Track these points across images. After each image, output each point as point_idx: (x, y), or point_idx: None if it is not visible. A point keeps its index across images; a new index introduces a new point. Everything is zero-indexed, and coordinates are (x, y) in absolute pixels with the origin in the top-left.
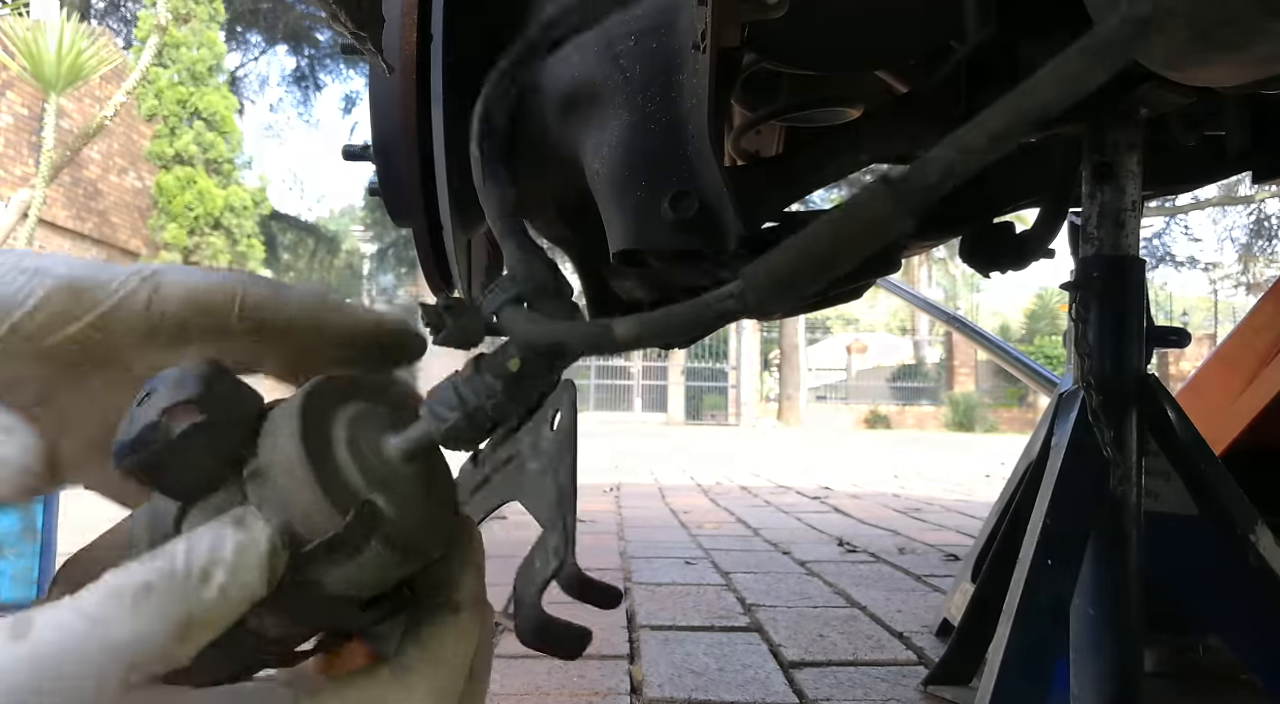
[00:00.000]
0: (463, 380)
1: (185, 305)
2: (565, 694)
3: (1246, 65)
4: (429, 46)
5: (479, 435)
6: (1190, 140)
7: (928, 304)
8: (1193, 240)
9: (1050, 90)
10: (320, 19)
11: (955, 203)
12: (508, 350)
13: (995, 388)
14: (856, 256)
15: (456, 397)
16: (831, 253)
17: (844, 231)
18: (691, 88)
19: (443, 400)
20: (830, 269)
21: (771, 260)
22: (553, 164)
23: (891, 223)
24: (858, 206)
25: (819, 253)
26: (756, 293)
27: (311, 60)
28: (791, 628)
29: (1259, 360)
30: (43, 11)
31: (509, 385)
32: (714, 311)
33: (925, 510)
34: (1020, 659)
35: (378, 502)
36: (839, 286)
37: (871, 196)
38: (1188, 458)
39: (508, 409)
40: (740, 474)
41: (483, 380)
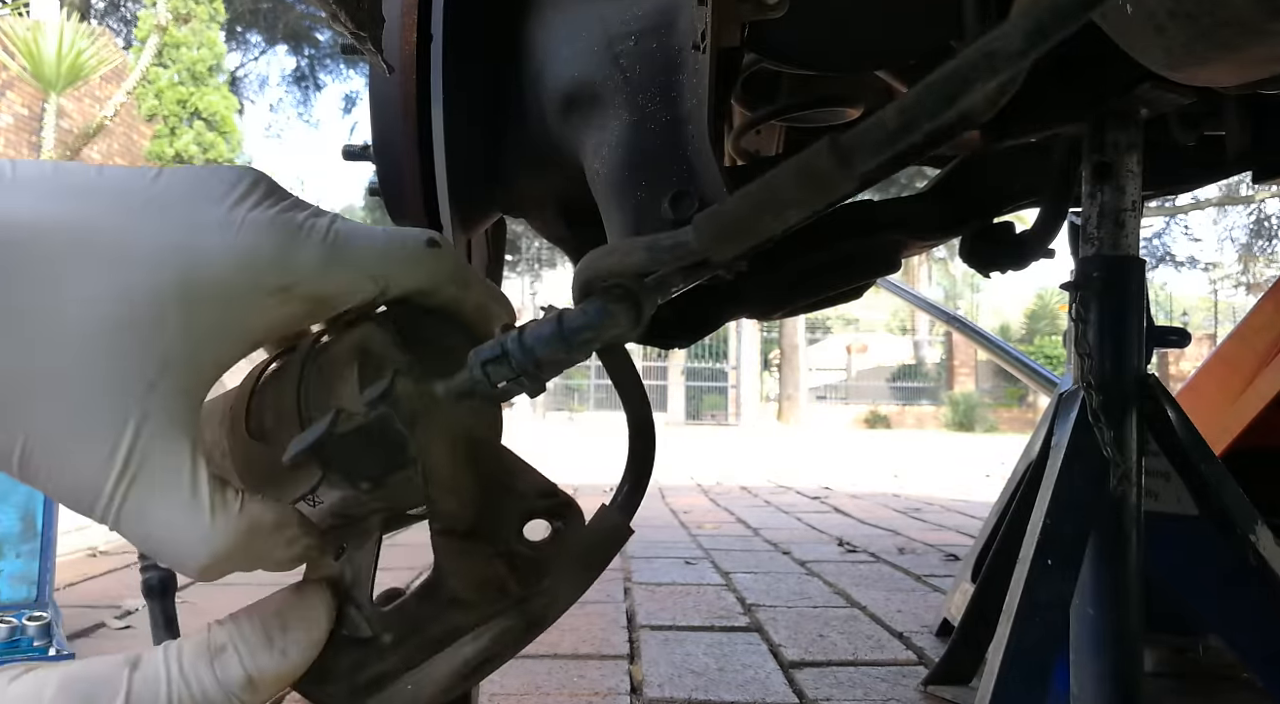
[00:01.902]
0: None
1: (399, 295)
2: (565, 694)
3: (1246, 65)
4: (429, 46)
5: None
6: (1190, 140)
7: (928, 304)
8: (1193, 240)
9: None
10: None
11: (955, 202)
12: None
13: (995, 388)
14: (802, 210)
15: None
16: (778, 204)
17: (790, 185)
18: (691, 88)
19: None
20: (776, 220)
21: (724, 209)
22: (553, 164)
23: (834, 180)
24: (803, 162)
25: (765, 204)
26: (705, 235)
27: (311, 60)
28: (791, 628)
29: (1259, 360)
30: (43, 11)
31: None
32: (663, 247)
33: (925, 510)
34: (1020, 659)
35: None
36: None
37: (816, 154)
38: (1188, 458)
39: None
40: (740, 474)
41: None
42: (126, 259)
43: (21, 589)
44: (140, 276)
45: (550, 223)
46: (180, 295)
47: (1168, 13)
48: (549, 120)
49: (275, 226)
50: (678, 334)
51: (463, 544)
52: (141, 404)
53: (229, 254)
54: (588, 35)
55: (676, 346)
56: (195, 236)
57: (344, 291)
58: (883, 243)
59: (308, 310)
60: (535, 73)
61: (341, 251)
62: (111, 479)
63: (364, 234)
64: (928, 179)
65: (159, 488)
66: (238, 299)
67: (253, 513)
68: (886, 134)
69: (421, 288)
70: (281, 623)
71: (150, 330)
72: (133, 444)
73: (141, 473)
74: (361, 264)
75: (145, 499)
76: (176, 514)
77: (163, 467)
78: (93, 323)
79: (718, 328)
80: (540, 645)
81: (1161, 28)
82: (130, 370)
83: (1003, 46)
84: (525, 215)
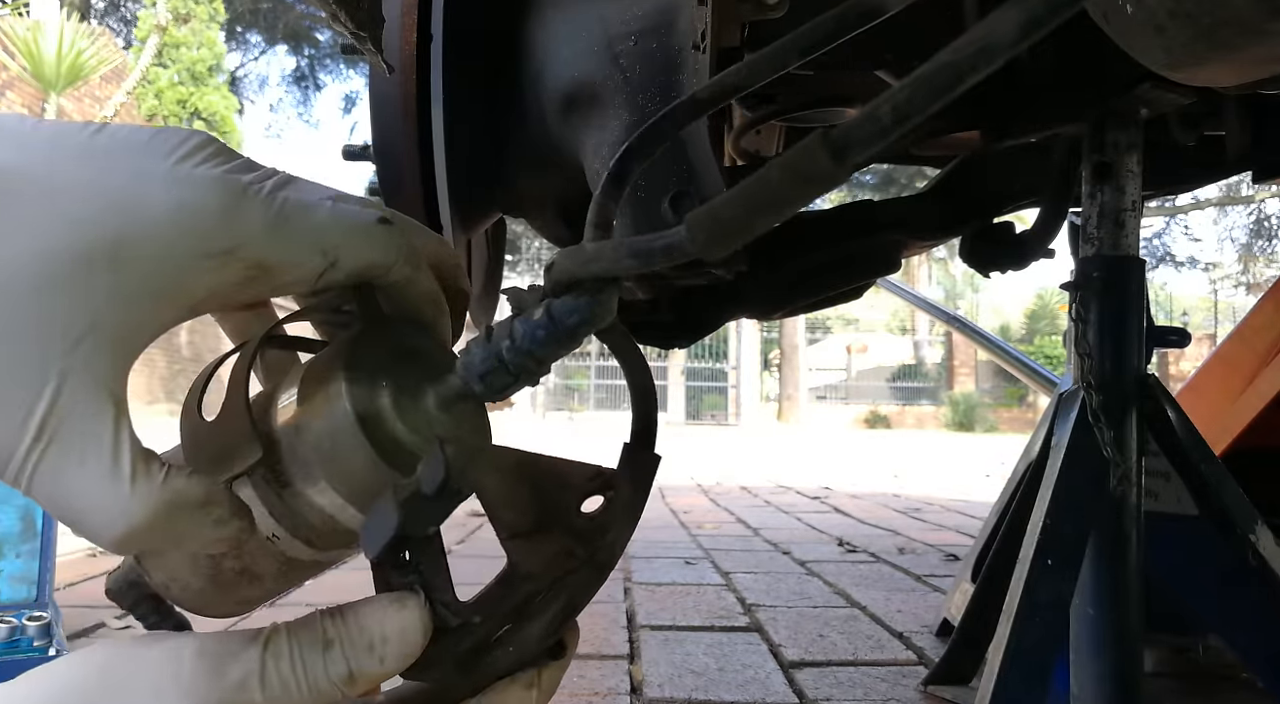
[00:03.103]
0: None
1: (348, 277)
2: (565, 694)
3: (1246, 65)
4: (429, 46)
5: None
6: (1190, 140)
7: (928, 304)
8: (1193, 240)
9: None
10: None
11: (955, 202)
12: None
13: (995, 388)
14: (795, 205)
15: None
16: (772, 199)
17: (782, 180)
18: (691, 88)
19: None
20: (770, 214)
21: (714, 206)
22: (553, 164)
23: (826, 173)
24: (795, 157)
25: (759, 199)
26: (697, 233)
27: (311, 60)
28: (791, 628)
29: (1259, 360)
30: (43, 11)
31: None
32: (658, 246)
33: (925, 510)
34: (1020, 659)
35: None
36: (839, 287)
37: (807, 148)
38: (1188, 458)
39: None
40: (740, 474)
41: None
42: (56, 211)
43: (21, 589)
44: (70, 230)
45: (550, 223)
46: (112, 252)
47: (1168, 13)
48: (549, 120)
49: (220, 184)
50: (678, 334)
51: (529, 541)
52: (64, 363)
53: (167, 210)
54: (588, 35)
55: (676, 347)
56: (133, 190)
57: (289, 260)
58: (883, 243)
59: (249, 277)
60: (535, 73)
61: (289, 217)
62: (26, 440)
63: (314, 203)
64: (928, 179)
65: (76, 452)
66: (174, 259)
67: (177, 486)
68: (880, 128)
69: (373, 264)
70: (383, 633)
71: (78, 287)
72: (51, 404)
73: (59, 435)
74: (310, 231)
75: (61, 464)
76: (94, 482)
77: (82, 430)
78: (16, 277)
79: (718, 328)
80: None
81: (1161, 28)
82: (55, 328)
83: (996, 38)
84: (525, 215)
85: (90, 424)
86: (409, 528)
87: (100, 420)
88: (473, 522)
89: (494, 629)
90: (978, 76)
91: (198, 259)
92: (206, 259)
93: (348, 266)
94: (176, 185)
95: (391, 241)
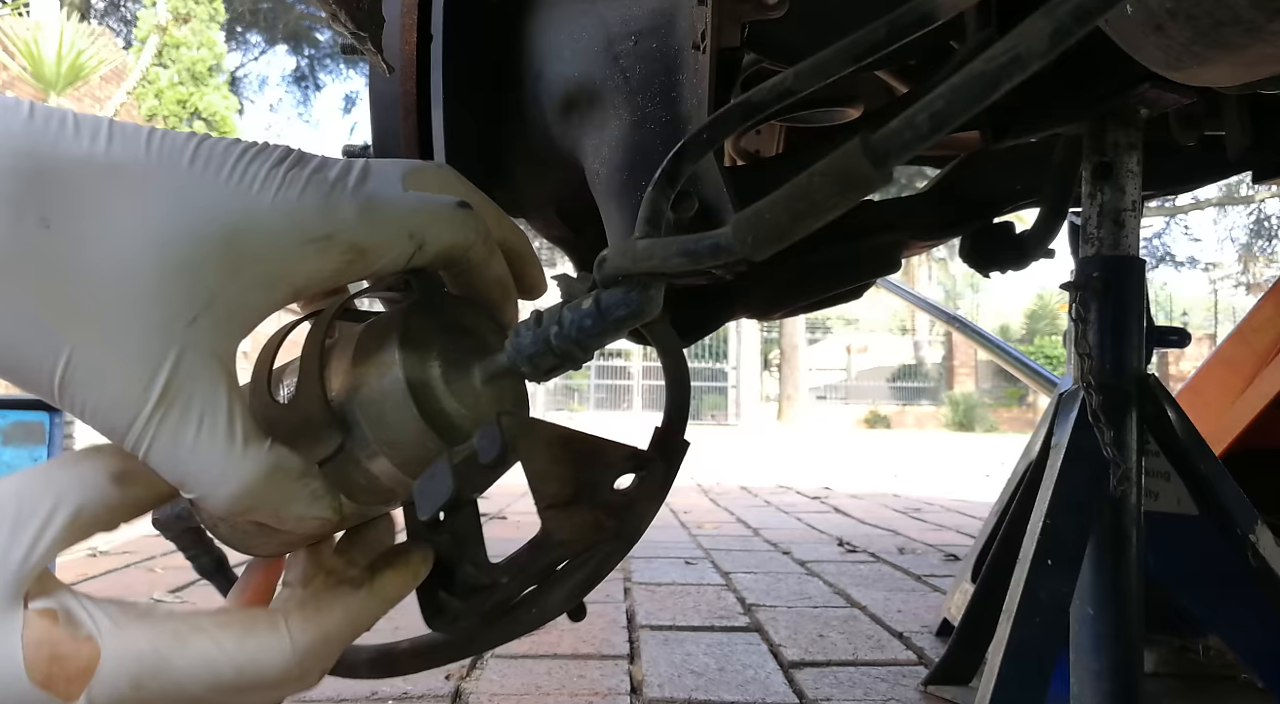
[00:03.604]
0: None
1: (434, 259)
2: (565, 694)
3: (1246, 65)
4: (429, 46)
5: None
6: (1190, 140)
7: (928, 304)
8: (1193, 240)
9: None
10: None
11: (955, 202)
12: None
13: (995, 388)
14: (836, 209)
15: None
16: (814, 203)
17: (824, 185)
18: (691, 88)
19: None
20: (812, 218)
21: (759, 209)
22: (553, 164)
23: (866, 178)
24: (835, 163)
25: (802, 203)
26: (743, 235)
27: (311, 60)
28: (791, 628)
29: (1259, 360)
30: (43, 11)
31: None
32: (703, 247)
33: (925, 510)
34: (1020, 659)
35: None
36: (839, 287)
37: (847, 154)
38: (1188, 458)
39: (573, 351)
40: (740, 474)
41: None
42: (176, 203)
43: None
44: (189, 219)
45: (550, 223)
46: (226, 240)
47: (1168, 13)
48: (549, 120)
49: (314, 181)
50: (678, 334)
51: (564, 511)
52: (184, 337)
53: (272, 204)
54: (588, 35)
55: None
56: (240, 186)
57: (382, 243)
58: (883, 243)
59: (347, 261)
60: (535, 73)
61: (378, 206)
62: (150, 404)
63: (400, 195)
64: (928, 179)
65: (194, 417)
66: (280, 247)
67: (281, 454)
68: (918, 135)
69: (455, 245)
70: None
71: (197, 270)
72: (173, 372)
73: (178, 400)
74: (397, 217)
75: (181, 427)
76: (210, 443)
77: (200, 395)
78: (143, 258)
79: (718, 328)
80: (540, 645)
81: (1161, 28)
82: (176, 305)
83: (1028, 47)
84: (525, 215)
85: (208, 392)
86: (463, 492)
87: (216, 390)
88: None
89: (520, 589)
90: (1010, 84)
91: (301, 245)
92: (308, 245)
93: (434, 248)
94: (276, 184)
95: (470, 224)
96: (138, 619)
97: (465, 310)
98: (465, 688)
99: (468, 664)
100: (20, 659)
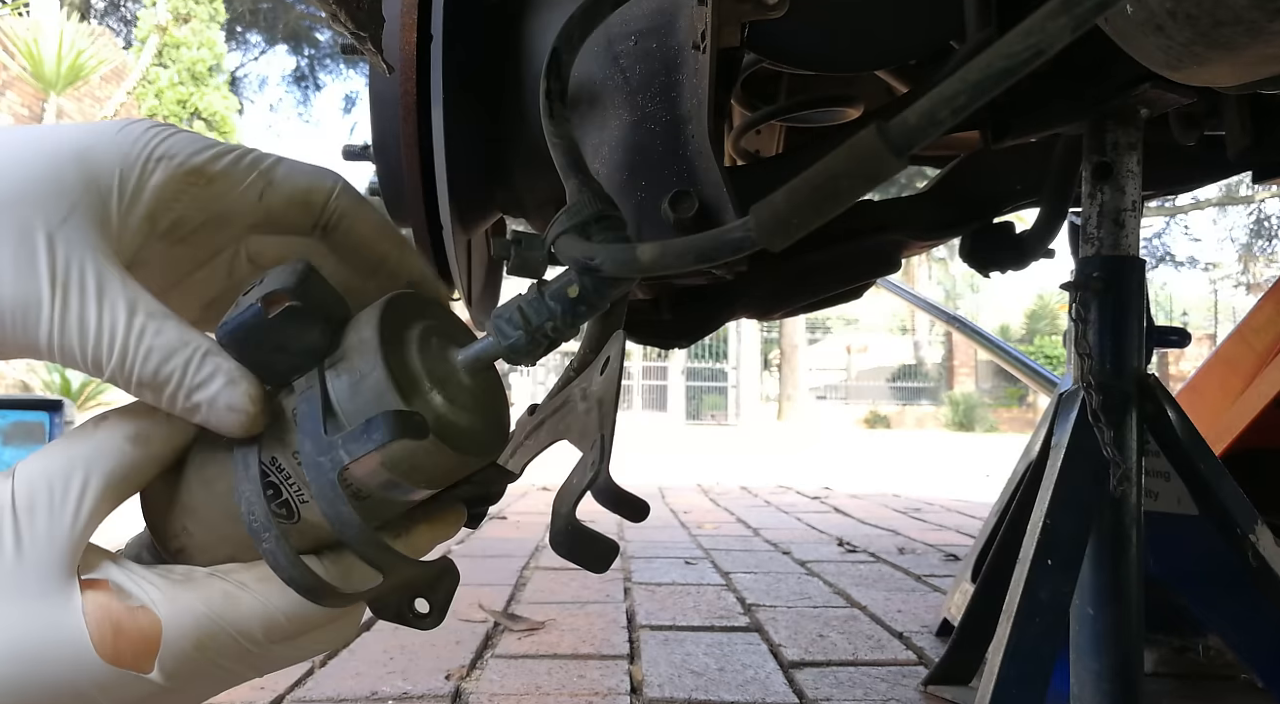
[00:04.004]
0: (526, 302)
1: (290, 201)
2: (565, 694)
3: (1246, 65)
4: (429, 46)
5: (536, 353)
6: (1190, 140)
7: (928, 304)
8: (1193, 240)
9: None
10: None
11: (955, 202)
12: (569, 276)
13: (995, 388)
14: (854, 196)
15: (521, 316)
16: (830, 192)
17: (843, 173)
18: (691, 88)
19: (508, 319)
20: (831, 205)
21: (776, 199)
22: (553, 164)
23: (886, 166)
24: (854, 150)
25: (821, 191)
26: (762, 226)
27: (311, 60)
28: (791, 628)
29: (1259, 360)
30: (43, 11)
31: (568, 309)
32: (726, 241)
33: (925, 510)
34: (1020, 659)
35: (437, 399)
36: (839, 287)
37: (866, 142)
38: (1188, 458)
39: (565, 331)
40: (740, 474)
41: (544, 303)
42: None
43: None
44: (41, 137)
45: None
46: (78, 156)
47: (1168, 13)
48: None
49: (160, 124)
50: (678, 334)
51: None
52: (59, 233)
53: (119, 132)
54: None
55: (676, 347)
56: (88, 133)
57: (221, 171)
58: (883, 243)
59: (190, 183)
60: (535, 72)
61: (220, 143)
62: (45, 292)
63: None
64: (928, 179)
65: (92, 297)
66: (127, 163)
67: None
68: (935, 122)
69: (312, 187)
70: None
71: (55, 182)
72: (55, 262)
73: (72, 287)
74: (240, 150)
75: (82, 309)
76: (113, 317)
77: (92, 278)
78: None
79: (718, 328)
80: (540, 645)
81: (1161, 28)
82: (46, 212)
83: (1044, 39)
84: (525, 215)
85: (97, 274)
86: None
87: (106, 273)
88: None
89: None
90: (1026, 71)
91: (143, 163)
92: (152, 162)
93: (286, 187)
94: (118, 126)
95: (329, 176)
96: (184, 583)
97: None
98: (465, 688)
99: (468, 664)
100: (86, 638)
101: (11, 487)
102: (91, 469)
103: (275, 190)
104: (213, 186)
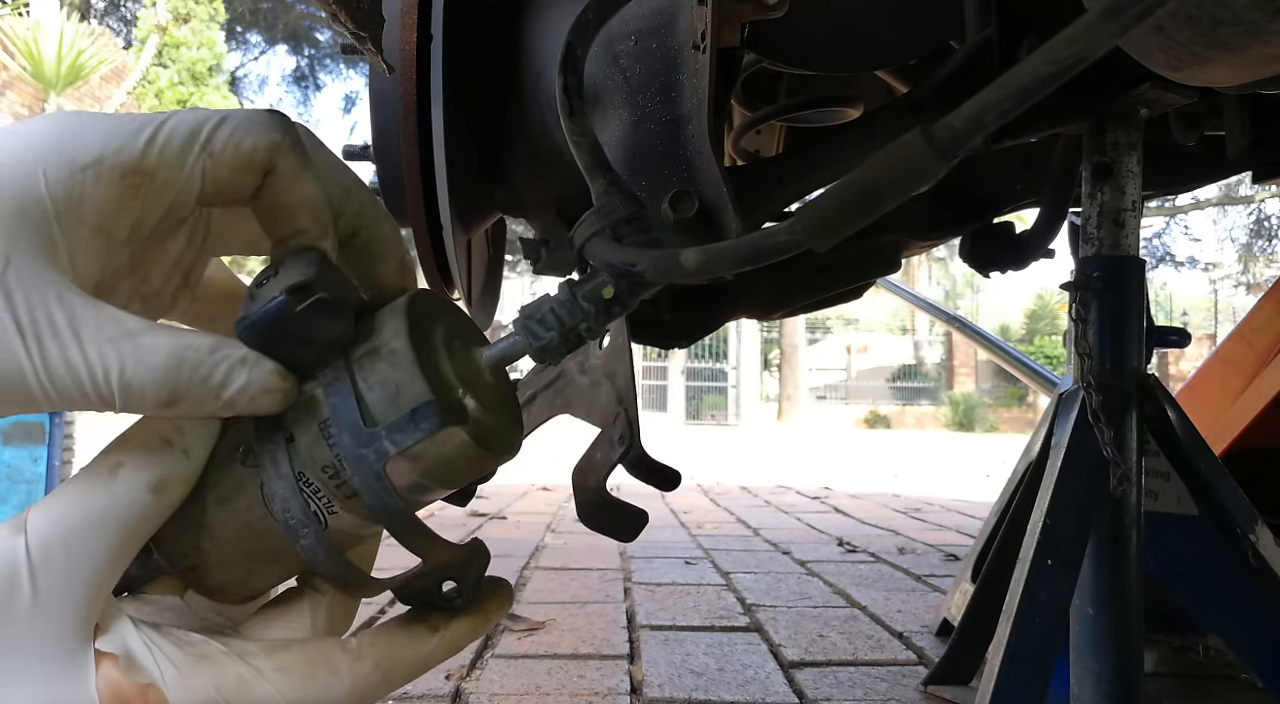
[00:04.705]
0: (559, 303)
1: (234, 164)
2: (565, 694)
3: (1246, 65)
4: (429, 46)
5: (564, 354)
6: (1190, 140)
7: (928, 304)
8: (1193, 240)
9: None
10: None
11: (955, 202)
12: (601, 277)
13: (995, 388)
14: (897, 197)
15: (554, 316)
16: (876, 194)
17: (886, 174)
18: (691, 88)
19: (540, 321)
20: (873, 208)
21: (822, 201)
22: (553, 165)
23: (931, 168)
24: (899, 153)
25: (863, 193)
26: (808, 228)
27: (311, 60)
28: (791, 628)
29: (1259, 360)
30: (43, 11)
31: (601, 310)
32: (772, 244)
33: (925, 510)
34: (1020, 659)
35: (470, 402)
36: (839, 287)
37: (911, 145)
38: (1188, 458)
39: (597, 331)
40: (740, 474)
41: (578, 303)
42: None
43: None
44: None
45: (550, 223)
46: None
47: (1168, 13)
48: (549, 120)
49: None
50: (678, 334)
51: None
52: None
53: (19, 152)
54: None
55: (677, 347)
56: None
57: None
58: (883, 243)
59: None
60: (535, 73)
61: (154, 123)
62: (16, 338)
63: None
64: None
65: (65, 329)
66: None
67: (185, 334)
68: (979, 126)
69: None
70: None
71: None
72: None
73: (40, 324)
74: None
75: (61, 345)
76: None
77: (59, 312)
78: None
79: (718, 328)
80: (540, 645)
81: (1161, 28)
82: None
83: (1089, 45)
84: (525, 215)
85: (63, 307)
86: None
87: (70, 303)
88: (472, 522)
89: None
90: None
91: (71, 175)
92: (80, 173)
93: (228, 156)
94: (20, 130)
95: (276, 123)
96: (199, 661)
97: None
98: (465, 688)
99: (468, 664)
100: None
101: (25, 541)
102: (111, 524)
103: (217, 165)
104: (152, 182)
